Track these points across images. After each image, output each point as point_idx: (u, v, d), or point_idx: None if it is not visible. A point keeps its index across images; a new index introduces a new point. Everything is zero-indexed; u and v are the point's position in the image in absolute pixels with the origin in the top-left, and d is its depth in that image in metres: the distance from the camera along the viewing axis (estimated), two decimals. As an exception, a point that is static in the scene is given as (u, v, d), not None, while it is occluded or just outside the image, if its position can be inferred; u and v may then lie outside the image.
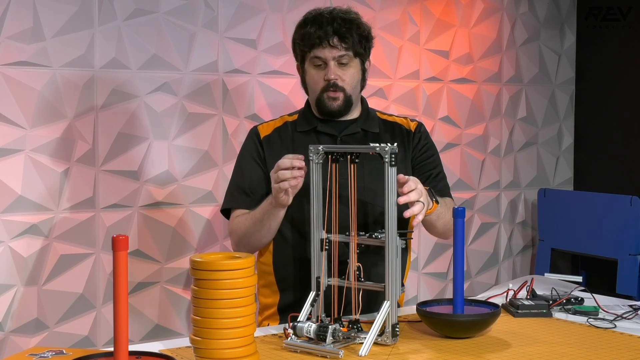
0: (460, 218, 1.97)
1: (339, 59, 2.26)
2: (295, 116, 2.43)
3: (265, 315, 2.40)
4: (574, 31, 4.29)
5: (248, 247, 2.33)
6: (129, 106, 3.06)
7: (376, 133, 2.38)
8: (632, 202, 3.70)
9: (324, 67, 2.28)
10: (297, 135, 2.35)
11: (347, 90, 2.30)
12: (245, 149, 2.42)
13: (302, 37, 2.29)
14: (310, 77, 2.32)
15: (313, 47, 2.26)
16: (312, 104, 2.36)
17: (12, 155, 2.85)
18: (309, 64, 2.31)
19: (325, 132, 2.35)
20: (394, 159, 1.86)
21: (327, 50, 2.25)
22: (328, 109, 2.30)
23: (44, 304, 2.92)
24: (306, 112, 2.41)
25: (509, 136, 4.10)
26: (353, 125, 2.36)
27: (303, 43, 2.28)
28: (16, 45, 2.83)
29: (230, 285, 1.63)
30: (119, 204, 3.06)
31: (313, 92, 2.33)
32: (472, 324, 1.94)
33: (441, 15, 3.83)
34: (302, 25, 2.31)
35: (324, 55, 2.26)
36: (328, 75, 2.27)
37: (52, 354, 1.77)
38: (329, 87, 2.28)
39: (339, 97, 2.29)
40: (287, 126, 2.40)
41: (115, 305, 1.47)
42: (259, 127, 2.42)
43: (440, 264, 3.87)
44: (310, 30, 2.26)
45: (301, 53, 2.32)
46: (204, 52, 3.21)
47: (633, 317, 2.15)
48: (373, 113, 2.43)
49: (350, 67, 2.29)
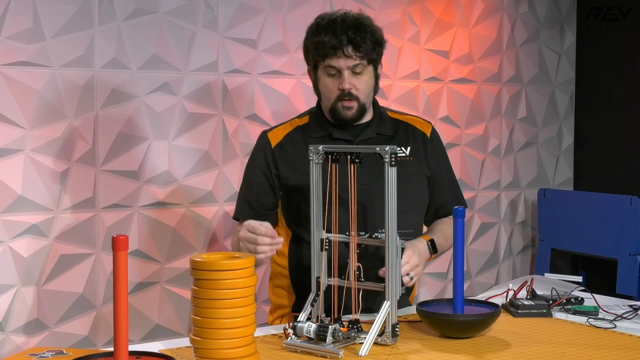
0: (460, 218, 1.97)
1: (353, 68, 2.24)
2: (306, 119, 2.40)
3: (279, 314, 2.40)
4: (574, 31, 4.29)
5: None
6: (129, 106, 3.06)
7: (390, 136, 2.36)
8: (632, 202, 3.70)
9: (338, 76, 2.25)
10: (312, 142, 2.29)
11: (361, 98, 2.28)
12: (254, 159, 2.39)
13: (315, 45, 2.25)
14: (324, 85, 2.29)
15: (327, 56, 2.23)
16: (326, 111, 2.34)
17: (12, 155, 2.85)
18: (322, 72, 2.28)
19: (341, 138, 2.32)
20: (393, 159, 1.86)
21: (342, 60, 2.23)
22: (343, 118, 2.29)
23: (44, 304, 2.92)
24: (318, 116, 2.38)
25: (509, 136, 4.10)
26: (368, 130, 2.34)
27: (317, 52, 2.25)
28: (16, 45, 2.83)
29: (230, 285, 1.63)
30: (119, 204, 3.06)
31: (327, 100, 2.30)
32: (472, 324, 1.94)
33: (441, 15, 3.83)
34: (315, 32, 2.26)
35: (339, 65, 2.23)
36: (343, 85, 2.24)
37: (52, 354, 1.77)
38: (344, 97, 2.26)
39: (353, 106, 2.27)
40: (298, 131, 2.37)
41: (115, 305, 1.47)
42: (269, 135, 2.38)
43: (440, 264, 3.87)
44: (324, 39, 2.22)
45: (314, 61, 2.29)
46: (204, 52, 3.21)
47: (633, 317, 2.15)
48: (385, 114, 2.41)
49: (364, 75, 2.27)
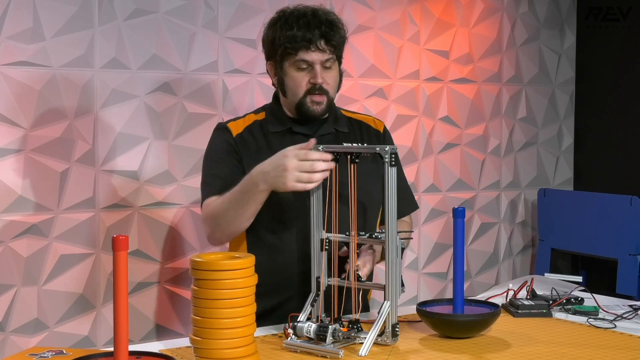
0: (460, 218, 1.97)
1: (324, 62, 2.22)
2: (262, 114, 2.36)
3: None
4: (574, 31, 4.29)
5: (226, 233, 2.22)
6: (129, 106, 3.06)
7: (346, 133, 2.34)
8: (632, 202, 3.70)
9: (308, 70, 2.22)
10: (271, 137, 2.29)
11: (331, 93, 2.26)
12: (218, 143, 2.32)
13: (288, 39, 2.21)
14: (292, 79, 2.24)
15: (299, 50, 2.20)
16: (290, 106, 2.30)
17: (12, 155, 2.85)
18: (291, 66, 2.24)
19: (301, 133, 2.29)
20: (394, 159, 1.86)
21: (314, 54, 2.20)
22: (312, 113, 2.25)
23: (44, 304, 2.93)
24: (276, 111, 2.34)
25: (509, 136, 4.10)
26: (325, 126, 2.32)
27: (290, 45, 2.21)
28: (16, 45, 2.83)
29: (230, 285, 1.63)
30: (119, 204, 3.06)
31: (294, 95, 2.26)
32: (472, 324, 1.94)
33: (441, 15, 3.83)
34: (286, 26, 2.23)
35: (311, 59, 2.20)
36: (315, 79, 2.21)
37: (52, 354, 1.77)
38: (315, 91, 2.23)
39: (323, 101, 2.24)
40: (257, 125, 2.33)
41: (115, 305, 1.47)
42: (229, 125, 2.33)
43: (440, 264, 3.88)
44: (297, 33, 2.19)
45: (283, 54, 2.24)
46: (204, 52, 3.21)
47: (633, 317, 2.15)
48: (339, 112, 2.40)
49: (333, 70, 2.25)
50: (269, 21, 2.29)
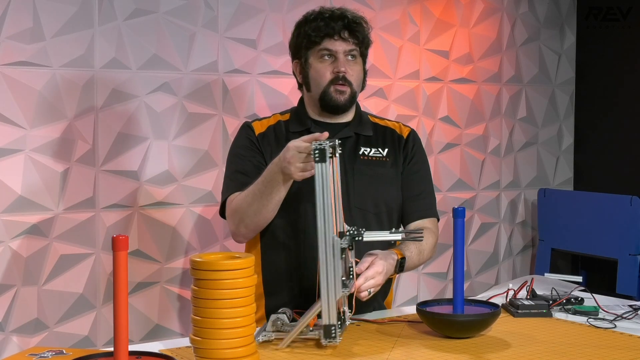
0: (460, 218, 1.97)
1: (348, 52, 2.26)
2: (287, 115, 2.40)
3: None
4: (574, 31, 4.29)
5: (250, 227, 2.23)
6: (129, 106, 3.06)
7: (369, 136, 2.36)
8: (632, 202, 3.70)
9: (332, 61, 2.27)
10: (290, 136, 2.31)
11: (354, 85, 2.29)
12: (240, 141, 2.36)
13: (312, 29, 2.27)
14: (316, 70, 2.28)
15: (324, 38, 2.26)
16: (314, 100, 2.32)
17: (12, 155, 2.85)
18: (315, 57, 2.28)
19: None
20: (317, 155, 1.83)
21: (338, 42, 2.25)
22: (335, 102, 2.27)
23: (44, 304, 2.92)
24: (299, 112, 2.38)
25: (509, 136, 4.10)
26: (346, 129, 2.34)
27: (314, 34, 2.26)
28: (16, 45, 2.83)
29: (230, 285, 1.63)
30: (119, 204, 3.06)
31: (318, 87, 2.29)
32: (472, 324, 1.94)
33: (441, 15, 3.83)
34: (310, 19, 2.30)
35: (335, 48, 2.26)
36: (338, 68, 2.25)
37: (52, 354, 1.77)
38: (338, 80, 2.26)
39: (346, 91, 2.27)
40: (280, 125, 2.37)
41: (115, 305, 1.47)
42: (253, 124, 2.37)
43: (440, 264, 3.87)
44: (320, 23, 2.26)
45: (308, 45, 2.29)
46: (204, 52, 3.21)
47: (633, 317, 2.15)
48: (365, 116, 2.41)
49: (356, 64, 2.29)
50: (295, 24, 2.36)
